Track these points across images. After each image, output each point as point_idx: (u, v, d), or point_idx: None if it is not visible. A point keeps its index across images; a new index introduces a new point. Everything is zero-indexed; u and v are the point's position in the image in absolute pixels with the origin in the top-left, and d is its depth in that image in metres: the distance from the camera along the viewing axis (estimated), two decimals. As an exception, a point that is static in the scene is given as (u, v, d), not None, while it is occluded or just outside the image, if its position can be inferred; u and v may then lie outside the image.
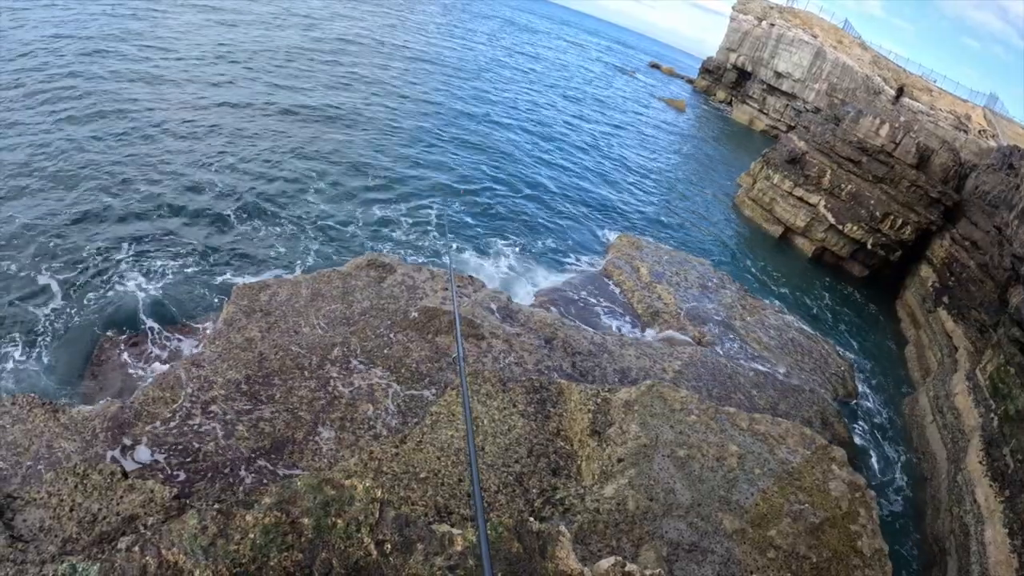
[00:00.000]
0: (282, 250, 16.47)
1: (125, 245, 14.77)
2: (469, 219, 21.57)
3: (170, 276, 14.04)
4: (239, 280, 14.46)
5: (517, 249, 20.38)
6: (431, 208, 21.31)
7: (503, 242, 20.56)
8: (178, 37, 33.69)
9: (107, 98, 22.72)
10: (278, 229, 17.34)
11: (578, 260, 20.97)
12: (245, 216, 17.46)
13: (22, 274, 13.00)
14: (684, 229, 28.56)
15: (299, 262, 16.17)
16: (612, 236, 23.52)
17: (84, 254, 14.11)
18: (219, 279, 14.47)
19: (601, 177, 32.33)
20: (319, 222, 18.34)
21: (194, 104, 24.51)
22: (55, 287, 12.86)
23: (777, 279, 25.79)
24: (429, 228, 19.86)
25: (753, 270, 25.99)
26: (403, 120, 30.62)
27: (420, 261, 17.61)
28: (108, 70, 25.50)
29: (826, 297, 25.98)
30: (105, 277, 13.54)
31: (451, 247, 18.78)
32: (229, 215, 17.26)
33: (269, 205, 18.43)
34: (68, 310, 12.34)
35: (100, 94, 22.88)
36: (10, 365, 10.84)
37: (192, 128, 22.18)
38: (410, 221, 20.03)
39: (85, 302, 12.65)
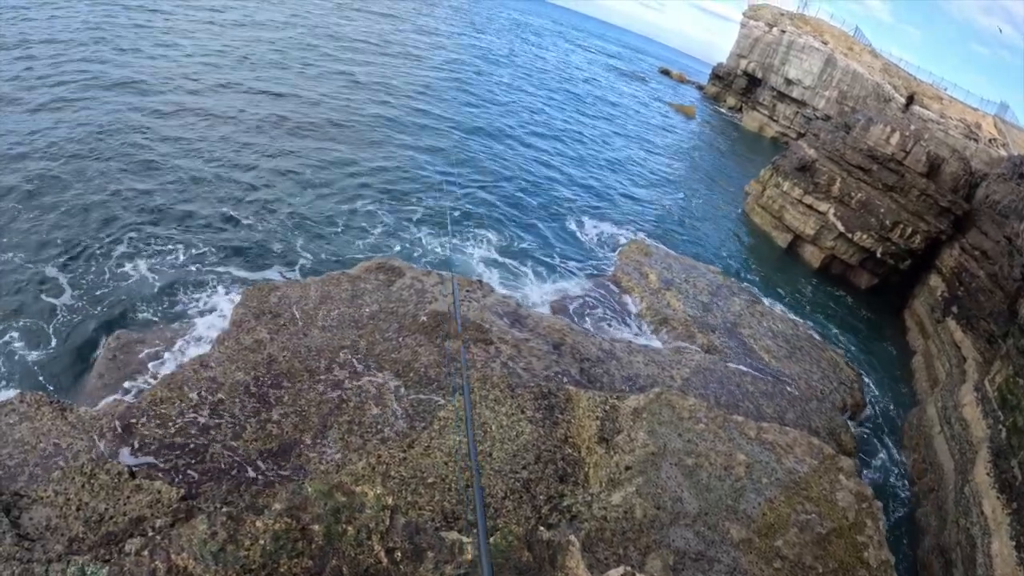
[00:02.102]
0: (285, 247, 16.62)
1: (132, 244, 14.82)
2: (475, 222, 21.53)
3: (178, 276, 14.07)
4: (247, 277, 14.52)
5: (524, 254, 20.33)
6: (434, 210, 21.29)
7: (510, 247, 20.52)
8: (184, 36, 33.93)
9: (114, 100, 22.88)
10: (281, 228, 17.41)
11: (587, 265, 20.91)
12: (248, 215, 17.54)
13: (30, 270, 13.05)
14: (693, 235, 28.47)
15: (301, 259, 16.31)
16: (621, 242, 23.47)
17: (91, 253, 14.16)
18: (227, 279, 14.48)
19: (610, 183, 32.28)
20: (321, 221, 18.39)
21: (195, 105, 24.61)
22: (64, 285, 12.90)
23: (786, 287, 25.68)
24: (433, 230, 19.85)
25: (762, 277, 25.89)
26: (404, 121, 30.66)
27: (422, 259, 17.66)
28: (117, 72, 25.68)
29: (834, 306, 25.86)
30: (113, 275, 13.58)
31: (451, 246, 18.73)
32: (233, 215, 17.35)
33: (271, 204, 18.49)
34: (76, 308, 12.38)
35: (110, 98, 23.03)
36: (17, 362, 10.86)
37: (193, 130, 22.28)
38: (411, 222, 20.05)
39: (93, 300, 12.68)
